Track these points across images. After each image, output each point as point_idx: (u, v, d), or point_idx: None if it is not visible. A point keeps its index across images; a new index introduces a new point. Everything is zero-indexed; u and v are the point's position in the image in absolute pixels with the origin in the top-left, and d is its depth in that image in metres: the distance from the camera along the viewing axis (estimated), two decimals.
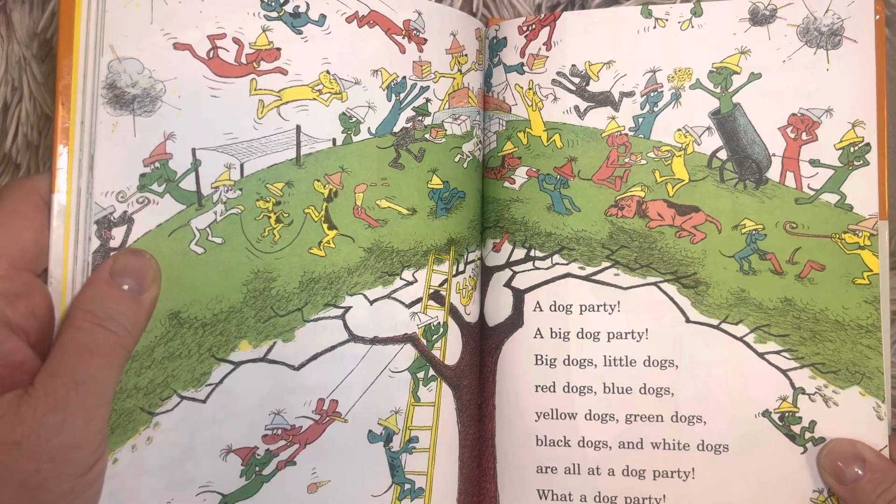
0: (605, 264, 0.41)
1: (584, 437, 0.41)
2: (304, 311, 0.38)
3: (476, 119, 0.43)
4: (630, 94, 0.42)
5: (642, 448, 0.41)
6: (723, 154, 0.41)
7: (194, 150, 0.35)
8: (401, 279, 0.40)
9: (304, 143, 0.38)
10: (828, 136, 0.40)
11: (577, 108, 0.42)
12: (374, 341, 0.39)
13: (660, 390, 0.41)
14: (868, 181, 0.39)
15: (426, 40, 0.40)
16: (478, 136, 0.43)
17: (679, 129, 0.41)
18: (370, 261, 0.39)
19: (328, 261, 0.38)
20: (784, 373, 0.40)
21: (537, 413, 0.41)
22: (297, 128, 0.37)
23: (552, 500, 0.41)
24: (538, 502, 0.41)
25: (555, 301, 0.42)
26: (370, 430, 0.39)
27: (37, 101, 0.42)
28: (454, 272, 0.41)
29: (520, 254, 0.43)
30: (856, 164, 0.39)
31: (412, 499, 0.40)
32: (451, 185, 0.41)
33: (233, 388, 0.36)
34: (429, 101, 0.41)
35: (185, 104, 0.35)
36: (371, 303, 0.39)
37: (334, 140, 0.38)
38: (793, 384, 0.40)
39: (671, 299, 0.41)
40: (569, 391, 0.41)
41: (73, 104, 0.33)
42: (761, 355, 0.40)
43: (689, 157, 0.41)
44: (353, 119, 0.39)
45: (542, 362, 0.42)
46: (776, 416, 0.40)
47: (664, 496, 0.40)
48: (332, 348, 0.38)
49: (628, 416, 0.41)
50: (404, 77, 0.40)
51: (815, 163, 0.40)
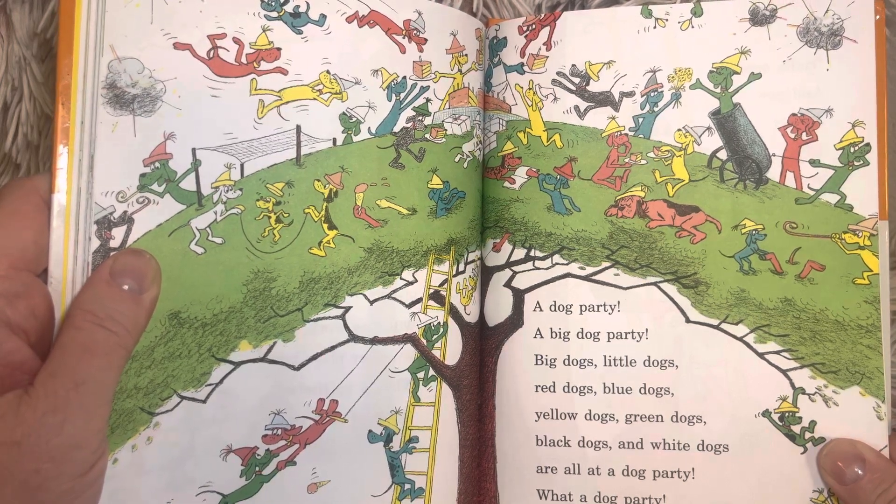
0: (605, 264, 0.41)
1: (584, 437, 0.41)
2: (305, 311, 0.37)
3: (476, 119, 0.43)
4: (630, 94, 0.42)
5: (642, 448, 0.41)
6: (723, 154, 0.41)
7: (194, 150, 0.35)
8: (401, 279, 0.40)
9: (305, 143, 0.38)
10: (828, 136, 0.40)
11: (577, 108, 0.42)
12: (375, 341, 0.39)
13: (660, 390, 0.41)
14: (868, 181, 0.39)
15: (426, 40, 0.40)
16: (478, 136, 0.43)
17: (679, 129, 0.41)
18: (370, 261, 0.39)
19: (328, 261, 0.38)
20: (784, 373, 0.40)
21: (537, 413, 0.41)
22: (298, 128, 0.37)
23: (552, 500, 0.41)
24: (538, 502, 0.41)
25: (555, 301, 0.42)
26: (370, 430, 0.39)
27: (37, 101, 0.42)
28: (454, 272, 0.41)
29: (520, 254, 0.43)
30: (856, 164, 0.39)
31: (412, 499, 0.40)
32: (452, 185, 0.41)
33: (233, 388, 0.36)
34: (429, 100, 0.41)
35: (185, 104, 0.35)
36: (371, 303, 0.39)
37: (334, 140, 0.38)
38: (793, 384, 0.40)
39: (671, 299, 0.41)
40: (569, 391, 0.41)
41: (73, 104, 0.33)
42: (761, 355, 0.40)
43: (689, 157, 0.41)
44: (354, 119, 0.39)
45: (542, 362, 0.42)
46: (776, 416, 0.40)
47: (664, 496, 0.40)
48: (332, 348, 0.38)
49: (628, 416, 0.41)
50: (404, 77, 0.40)
51: (815, 163, 0.40)
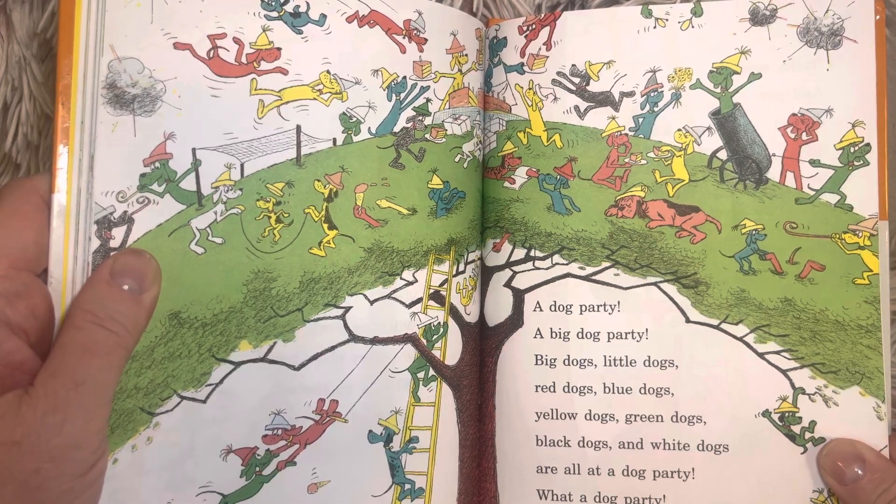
0: (605, 264, 0.41)
1: (584, 437, 0.41)
2: (305, 311, 0.37)
3: (476, 119, 0.43)
4: (630, 94, 0.42)
5: (642, 448, 0.41)
6: (723, 154, 0.41)
7: (194, 150, 0.35)
8: (401, 279, 0.40)
9: (305, 143, 0.38)
10: (828, 136, 0.40)
11: (577, 108, 0.42)
12: (375, 341, 0.39)
13: (660, 390, 0.41)
14: (868, 181, 0.39)
15: (426, 40, 0.40)
16: (478, 136, 0.43)
17: (679, 129, 0.41)
18: (370, 261, 0.39)
19: (328, 261, 0.38)
20: (784, 373, 0.40)
21: (537, 413, 0.41)
22: (298, 128, 0.37)
23: (552, 500, 0.41)
24: (538, 502, 0.41)
25: (555, 301, 0.42)
26: (370, 431, 0.39)
27: (37, 101, 0.42)
28: (454, 272, 0.41)
29: (520, 254, 0.43)
30: (856, 164, 0.39)
31: (412, 499, 0.40)
32: (452, 185, 0.41)
33: (233, 388, 0.36)
34: (429, 100, 0.41)
35: (185, 104, 0.35)
36: (371, 303, 0.39)
37: (334, 140, 0.38)
38: (793, 384, 0.40)
39: (671, 299, 0.41)
40: (569, 391, 0.41)
41: (73, 104, 0.33)
42: (761, 355, 0.40)
43: (690, 157, 0.41)
44: (354, 119, 0.39)
45: (542, 362, 0.42)
46: (776, 416, 0.40)
47: (664, 496, 0.40)
48: (333, 348, 0.38)
49: (628, 416, 0.41)
50: (405, 77, 0.40)
51: (815, 163, 0.40)
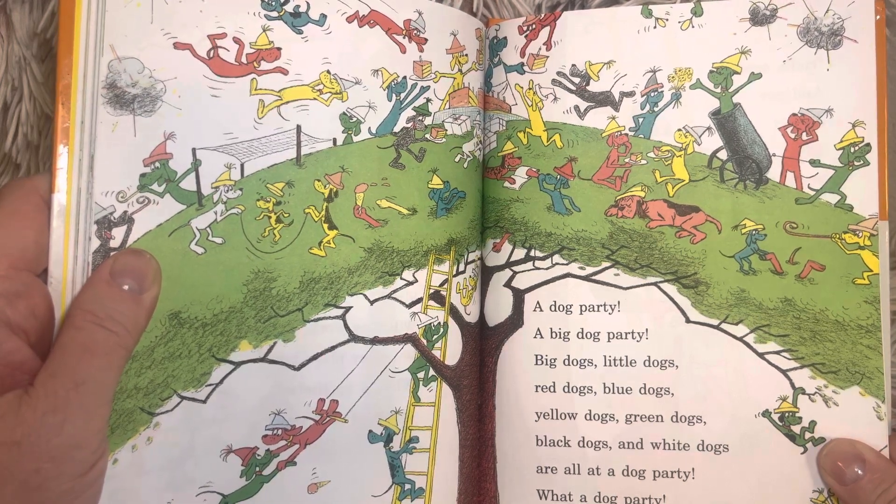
0: (605, 264, 0.41)
1: (584, 437, 0.41)
2: (305, 311, 0.37)
3: (476, 119, 0.43)
4: (630, 94, 0.42)
5: (642, 448, 0.41)
6: (723, 154, 0.41)
7: (194, 150, 0.35)
8: (401, 279, 0.40)
9: (305, 143, 0.38)
10: (828, 136, 0.40)
11: (577, 108, 0.42)
12: (375, 341, 0.39)
13: (660, 390, 0.41)
14: (868, 181, 0.39)
15: (427, 40, 0.40)
16: (478, 136, 0.43)
17: (679, 129, 0.41)
18: (370, 261, 0.39)
19: (328, 261, 0.38)
20: (784, 373, 0.40)
21: (537, 413, 0.41)
22: (298, 128, 0.37)
23: (552, 500, 0.41)
24: (538, 502, 0.41)
25: (555, 301, 0.42)
26: (370, 431, 0.39)
27: (37, 101, 0.42)
28: (454, 272, 0.41)
29: (520, 254, 0.43)
30: (856, 164, 0.39)
31: (412, 499, 0.40)
32: (452, 185, 0.41)
33: (233, 388, 0.36)
34: (429, 100, 0.41)
35: (185, 104, 0.35)
36: (371, 303, 0.39)
37: (335, 140, 0.38)
38: (793, 384, 0.40)
39: (671, 299, 0.41)
40: (569, 391, 0.41)
41: (73, 104, 0.33)
42: (761, 355, 0.40)
43: (690, 157, 0.41)
44: (354, 119, 0.39)
45: (542, 362, 0.42)
46: (776, 416, 0.40)
47: (664, 496, 0.40)
48: (333, 348, 0.38)
49: (628, 416, 0.41)
50: (405, 77, 0.40)
51: (815, 163, 0.40)
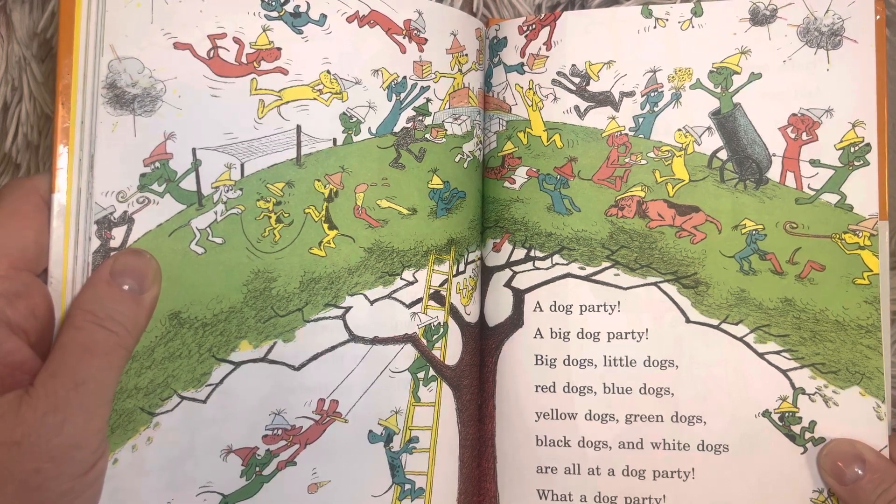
0: (605, 264, 0.41)
1: (584, 437, 0.41)
2: (305, 311, 0.37)
3: (476, 119, 0.43)
4: (630, 94, 0.42)
5: (642, 448, 0.41)
6: (723, 154, 0.41)
7: (194, 150, 0.35)
8: (401, 279, 0.40)
9: (305, 143, 0.38)
10: (828, 136, 0.40)
11: (577, 108, 0.42)
12: (375, 341, 0.39)
13: (660, 390, 0.41)
14: (868, 181, 0.39)
15: (427, 40, 0.40)
16: (478, 136, 0.43)
17: (679, 129, 0.41)
18: (370, 261, 0.39)
19: (328, 261, 0.38)
20: (784, 373, 0.40)
21: (537, 413, 0.41)
22: (298, 128, 0.37)
23: (552, 500, 0.41)
24: (538, 502, 0.41)
25: (555, 301, 0.42)
26: (370, 431, 0.39)
27: (37, 101, 0.42)
28: (454, 272, 0.41)
29: (520, 254, 0.43)
30: (856, 164, 0.39)
31: (412, 499, 0.40)
32: (452, 185, 0.41)
33: (233, 388, 0.36)
34: (429, 100, 0.41)
35: (185, 104, 0.35)
36: (371, 303, 0.39)
37: (335, 140, 0.38)
38: (793, 384, 0.40)
39: (671, 299, 0.41)
40: (569, 391, 0.41)
41: (73, 104, 0.33)
42: (761, 355, 0.40)
43: (690, 157, 0.41)
44: (354, 119, 0.39)
45: (542, 362, 0.42)
46: (776, 416, 0.40)
47: (664, 496, 0.40)
48: (333, 348, 0.38)
49: (628, 416, 0.41)
50: (405, 77, 0.40)
51: (815, 163, 0.40)
